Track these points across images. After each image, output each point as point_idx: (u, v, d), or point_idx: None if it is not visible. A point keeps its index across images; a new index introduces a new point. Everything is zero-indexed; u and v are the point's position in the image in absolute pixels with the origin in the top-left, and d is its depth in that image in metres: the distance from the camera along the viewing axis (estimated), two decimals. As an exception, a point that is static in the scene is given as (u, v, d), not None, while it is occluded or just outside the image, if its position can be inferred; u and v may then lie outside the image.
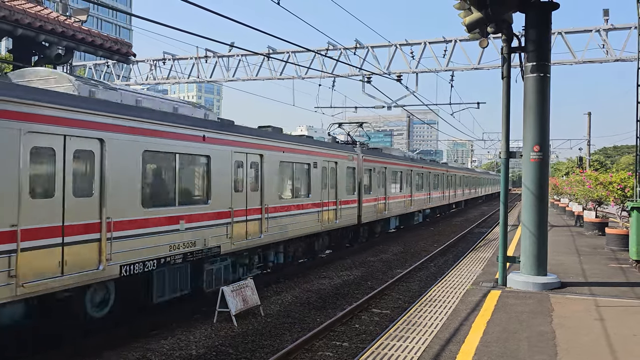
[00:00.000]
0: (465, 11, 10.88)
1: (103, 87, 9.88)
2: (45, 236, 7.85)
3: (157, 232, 9.98)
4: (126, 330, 9.81)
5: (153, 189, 10.23)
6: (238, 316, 10.75)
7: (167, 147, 10.40)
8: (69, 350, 8.63)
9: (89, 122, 8.68)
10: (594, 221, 21.31)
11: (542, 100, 10.55)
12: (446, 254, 21.42)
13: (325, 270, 16.90)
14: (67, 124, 8.27)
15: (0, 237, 7.24)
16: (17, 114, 7.53)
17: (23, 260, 7.47)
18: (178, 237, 10.50)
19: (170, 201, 10.55)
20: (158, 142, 10.13)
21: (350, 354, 9.15)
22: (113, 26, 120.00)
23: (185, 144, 10.84)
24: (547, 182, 11.03)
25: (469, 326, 7.93)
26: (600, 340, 7.27)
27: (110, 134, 9.03)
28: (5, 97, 7.39)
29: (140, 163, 9.69)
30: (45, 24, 12.39)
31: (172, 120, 10.62)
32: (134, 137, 9.56)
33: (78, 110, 8.48)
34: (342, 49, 26.39)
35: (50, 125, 7.99)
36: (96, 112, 8.82)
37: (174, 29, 9.65)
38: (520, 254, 10.91)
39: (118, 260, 9.04)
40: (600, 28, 22.61)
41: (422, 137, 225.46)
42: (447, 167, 42.64)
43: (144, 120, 9.81)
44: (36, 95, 7.88)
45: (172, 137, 10.50)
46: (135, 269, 9.45)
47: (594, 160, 66.52)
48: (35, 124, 7.76)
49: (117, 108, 9.35)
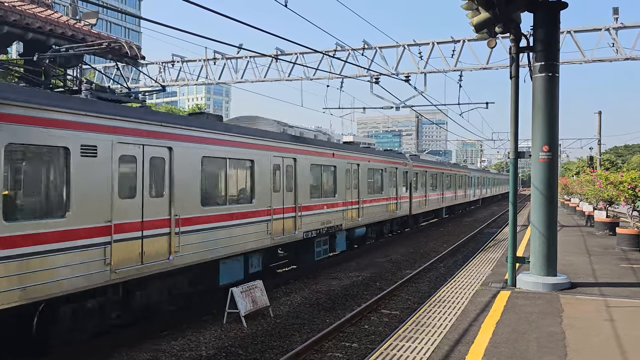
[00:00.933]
0: (473, 11, 10.85)
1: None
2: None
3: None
4: (137, 331, 9.89)
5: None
6: (247, 317, 10.79)
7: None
8: (79, 351, 8.71)
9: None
10: (604, 221, 21.15)
11: (551, 100, 10.50)
12: (455, 255, 21.36)
13: (334, 271, 16.91)
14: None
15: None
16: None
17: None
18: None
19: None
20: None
21: (359, 354, 9.16)
22: (122, 29, 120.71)
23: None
24: (557, 182, 10.97)
25: (478, 327, 7.91)
26: (610, 341, 7.23)
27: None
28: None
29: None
30: (55, 28, 12.52)
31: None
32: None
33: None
34: (350, 50, 26.38)
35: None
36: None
37: (183, 32, 9.73)
38: (530, 255, 10.86)
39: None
40: (610, 27, 22.44)
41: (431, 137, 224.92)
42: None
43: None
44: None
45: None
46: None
47: (605, 160, 65.99)
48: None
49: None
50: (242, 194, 12.89)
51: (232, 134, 12.39)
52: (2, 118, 7.19)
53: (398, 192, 24.69)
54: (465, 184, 44.59)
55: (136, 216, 9.29)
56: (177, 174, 10.33)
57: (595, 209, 24.82)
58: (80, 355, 8.66)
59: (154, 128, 9.82)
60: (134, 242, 9.18)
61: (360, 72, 26.23)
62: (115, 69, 32.39)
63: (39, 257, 7.57)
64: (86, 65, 19.95)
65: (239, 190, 12.85)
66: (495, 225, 34.52)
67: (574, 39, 23.03)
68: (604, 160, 63.61)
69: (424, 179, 29.87)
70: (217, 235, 11.55)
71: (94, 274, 8.39)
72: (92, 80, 10.98)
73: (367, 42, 26.17)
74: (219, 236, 11.61)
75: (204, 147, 11.26)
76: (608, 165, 63.74)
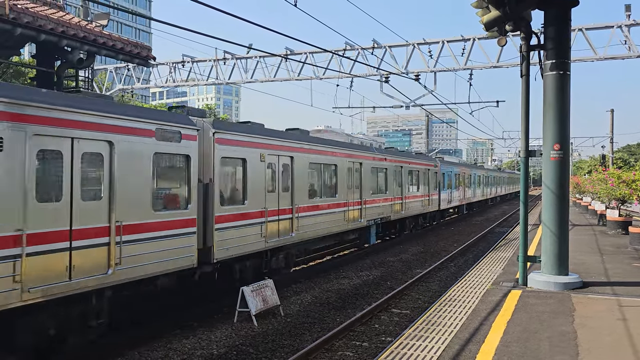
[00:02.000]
0: (483, 9, 10.80)
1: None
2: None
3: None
4: (148, 329, 9.97)
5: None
6: (258, 316, 10.83)
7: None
8: (90, 350, 8.78)
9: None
10: (617, 220, 20.97)
11: (562, 98, 10.43)
12: (466, 254, 21.29)
13: (344, 270, 16.93)
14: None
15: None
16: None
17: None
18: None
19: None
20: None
21: (370, 353, 9.17)
22: (133, 30, 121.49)
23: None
24: (568, 181, 10.90)
25: (489, 326, 7.89)
26: (623, 341, 7.17)
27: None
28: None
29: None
30: (67, 29, 12.63)
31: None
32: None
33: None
34: (360, 49, 26.37)
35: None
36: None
37: (193, 32, 9.77)
38: (541, 254, 10.79)
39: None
40: (622, 24, 22.25)
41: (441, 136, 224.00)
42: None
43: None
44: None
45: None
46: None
47: (617, 158, 65.42)
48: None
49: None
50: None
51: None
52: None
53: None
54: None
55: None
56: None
57: (607, 207, 24.62)
58: (91, 354, 8.72)
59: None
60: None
61: (370, 71, 26.21)
62: (126, 70, 32.59)
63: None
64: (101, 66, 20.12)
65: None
66: (506, 225, 34.34)
67: (586, 36, 22.85)
68: (617, 158, 63.06)
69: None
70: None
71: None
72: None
73: (377, 41, 26.14)
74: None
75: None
76: (620, 163, 63.13)
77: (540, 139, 10.97)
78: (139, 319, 10.31)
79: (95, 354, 8.76)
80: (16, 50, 15.50)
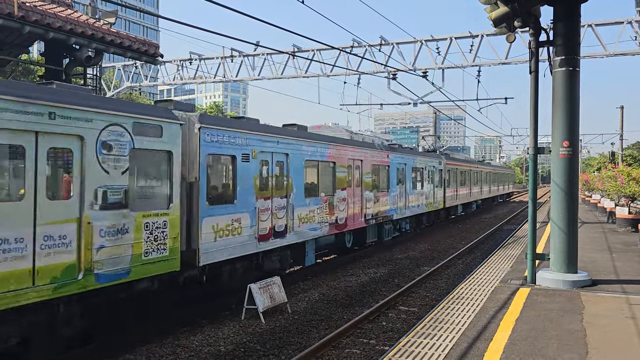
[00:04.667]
0: (492, 5, 10.73)
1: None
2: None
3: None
4: (156, 326, 10.00)
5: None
6: (265, 313, 10.85)
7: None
8: (98, 347, 8.82)
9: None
10: (626, 217, 20.82)
11: (571, 95, 10.35)
12: (474, 252, 21.21)
13: (352, 267, 16.91)
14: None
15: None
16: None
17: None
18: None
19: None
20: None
21: (377, 351, 9.15)
22: (140, 27, 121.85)
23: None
24: (577, 178, 10.82)
25: (497, 324, 7.85)
26: (632, 339, 7.12)
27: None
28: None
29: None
30: (75, 27, 12.67)
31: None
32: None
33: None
34: (367, 46, 26.31)
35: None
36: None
37: (200, 30, 9.77)
38: (550, 251, 10.73)
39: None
40: (633, 19, 22.05)
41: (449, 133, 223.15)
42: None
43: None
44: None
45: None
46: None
47: (627, 155, 64.89)
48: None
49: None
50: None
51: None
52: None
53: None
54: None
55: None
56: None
57: (617, 205, 24.43)
58: (100, 351, 8.77)
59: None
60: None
61: (378, 68, 26.14)
62: (134, 67, 32.70)
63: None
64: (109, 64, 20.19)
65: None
66: (515, 222, 34.19)
67: (595, 32, 22.67)
68: (626, 155, 62.55)
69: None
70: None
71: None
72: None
73: (384, 38, 26.07)
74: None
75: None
76: (630, 160, 62.64)
77: (549, 136, 10.89)
78: (139, 319, 10.32)
79: (103, 350, 8.79)
80: (25, 48, 15.58)
